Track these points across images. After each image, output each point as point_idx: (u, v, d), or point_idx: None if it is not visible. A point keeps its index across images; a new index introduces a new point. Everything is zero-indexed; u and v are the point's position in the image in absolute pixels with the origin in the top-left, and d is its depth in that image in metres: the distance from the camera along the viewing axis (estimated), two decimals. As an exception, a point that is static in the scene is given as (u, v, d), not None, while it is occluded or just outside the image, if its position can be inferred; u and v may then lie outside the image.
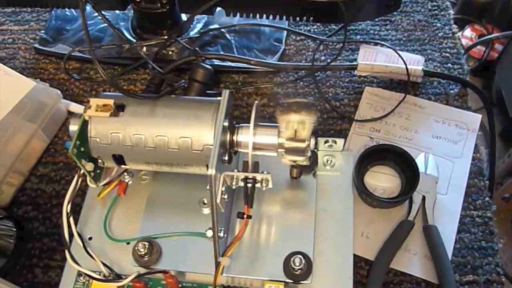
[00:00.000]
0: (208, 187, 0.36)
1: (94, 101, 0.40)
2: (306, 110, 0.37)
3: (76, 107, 0.57)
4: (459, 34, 1.50)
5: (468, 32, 1.44)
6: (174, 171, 0.41)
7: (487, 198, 0.48)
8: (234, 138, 0.40)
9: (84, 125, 0.40)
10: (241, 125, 0.40)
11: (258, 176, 0.38)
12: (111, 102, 0.40)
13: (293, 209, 0.45)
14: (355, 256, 0.44)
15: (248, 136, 0.39)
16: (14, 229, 0.48)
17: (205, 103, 0.40)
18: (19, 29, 0.66)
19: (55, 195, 0.52)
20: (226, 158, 0.39)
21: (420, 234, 0.46)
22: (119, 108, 0.40)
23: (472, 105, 0.54)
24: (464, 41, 1.44)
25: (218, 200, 0.36)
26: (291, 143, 0.38)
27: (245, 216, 0.38)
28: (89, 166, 0.41)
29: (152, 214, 0.45)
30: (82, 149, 0.40)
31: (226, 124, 0.38)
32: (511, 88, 1.20)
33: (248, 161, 0.39)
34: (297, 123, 0.37)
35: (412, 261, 0.45)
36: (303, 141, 0.38)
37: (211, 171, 0.35)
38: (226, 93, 0.39)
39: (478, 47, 1.35)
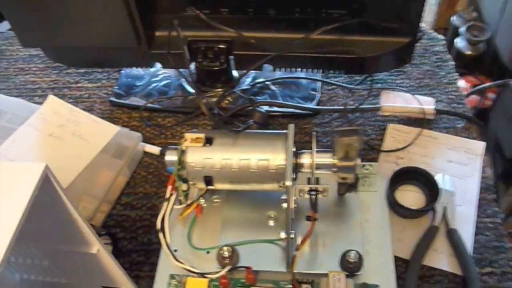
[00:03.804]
0: (283, 197, 0.47)
1: (188, 136, 0.52)
2: (353, 135, 0.49)
3: (150, 148, 0.69)
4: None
5: (462, 83, 1.58)
6: (251, 188, 0.53)
7: (495, 208, 0.59)
8: (298, 161, 0.51)
9: (182, 154, 0.52)
10: (302, 151, 0.52)
11: (320, 187, 0.50)
12: (202, 135, 0.52)
13: (342, 219, 0.56)
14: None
15: (310, 159, 0.51)
16: (111, 244, 0.58)
17: (275, 135, 0.52)
18: (93, 86, 0.79)
19: (139, 219, 0.63)
20: (294, 176, 0.51)
21: (444, 237, 0.57)
22: (207, 141, 0.52)
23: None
24: (459, 92, 1.58)
25: (292, 206, 0.48)
26: (342, 162, 0.50)
27: (312, 218, 0.49)
28: (184, 186, 0.53)
29: (227, 228, 0.56)
30: (180, 173, 0.52)
31: (294, 149, 0.50)
32: (505, 131, 1.29)
33: (311, 177, 0.50)
34: (347, 145, 0.49)
35: (440, 258, 0.55)
36: (352, 160, 0.50)
37: (288, 183, 0.46)
38: (291, 127, 0.51)
39: (473, 96, 1.45)
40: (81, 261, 0.44)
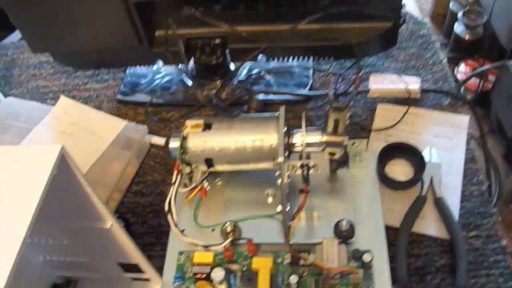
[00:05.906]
0: (278, 173, 0.52)
1: (189, 122, 0.57)
2: (341, 110, 0.53)
3: (157, 140, 0.74)
4: (455, 69, 1.67)
5: (462, 67, 1.61)
6: (249, 168, 0.57)
7: (480, 177, 0.63)
8: (290, 140, 0.56)
9: (184, 139, 0.56)
10: (293, 130, 0.56)
11: (311, 163, 0.54)
12: (201, 122, 0.56)
13: (335, 194, 0.60)
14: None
15: (301, 137, 0.55)
16: (124, 228, 0.63)
17: (268, 117, 0.56)
18: (100, 86, 0.84)
19: (148, 204, 0.68)
20: (286, 154, 0.55)
21: (432, 205, 0.61)
22: (206, 126, 0.57)
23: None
24: (460, 76, 1.60)
25: (286, 181, 0.52)
26: (330, 137, 0.54)
27: (305, 191, 0.54)
28: (187, 169, 0.57)
29: (229, 207, 0.60)
30: (183, 157, 0.56)
31: (285, 129, 0.55)
32: (506, 112, 1.33)
33: (303, 153, 0.55)
34: (335, 120, 0.53)
35: (428, 225, 0.59)
36: (340, 135, 0.54)
37: (281, 159, 0.51)
38: (282, 108, 0.56)
39: (474, 79, 1.48)
40: (97, 238, 0.49)
